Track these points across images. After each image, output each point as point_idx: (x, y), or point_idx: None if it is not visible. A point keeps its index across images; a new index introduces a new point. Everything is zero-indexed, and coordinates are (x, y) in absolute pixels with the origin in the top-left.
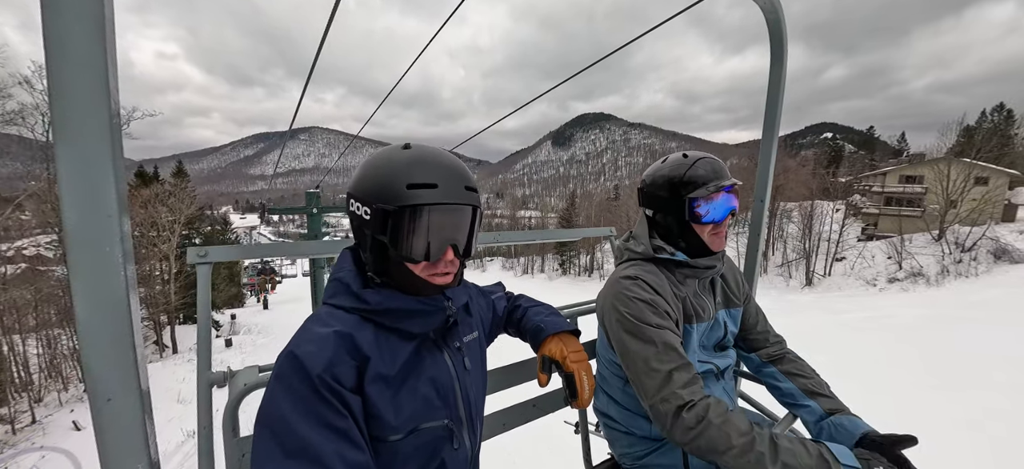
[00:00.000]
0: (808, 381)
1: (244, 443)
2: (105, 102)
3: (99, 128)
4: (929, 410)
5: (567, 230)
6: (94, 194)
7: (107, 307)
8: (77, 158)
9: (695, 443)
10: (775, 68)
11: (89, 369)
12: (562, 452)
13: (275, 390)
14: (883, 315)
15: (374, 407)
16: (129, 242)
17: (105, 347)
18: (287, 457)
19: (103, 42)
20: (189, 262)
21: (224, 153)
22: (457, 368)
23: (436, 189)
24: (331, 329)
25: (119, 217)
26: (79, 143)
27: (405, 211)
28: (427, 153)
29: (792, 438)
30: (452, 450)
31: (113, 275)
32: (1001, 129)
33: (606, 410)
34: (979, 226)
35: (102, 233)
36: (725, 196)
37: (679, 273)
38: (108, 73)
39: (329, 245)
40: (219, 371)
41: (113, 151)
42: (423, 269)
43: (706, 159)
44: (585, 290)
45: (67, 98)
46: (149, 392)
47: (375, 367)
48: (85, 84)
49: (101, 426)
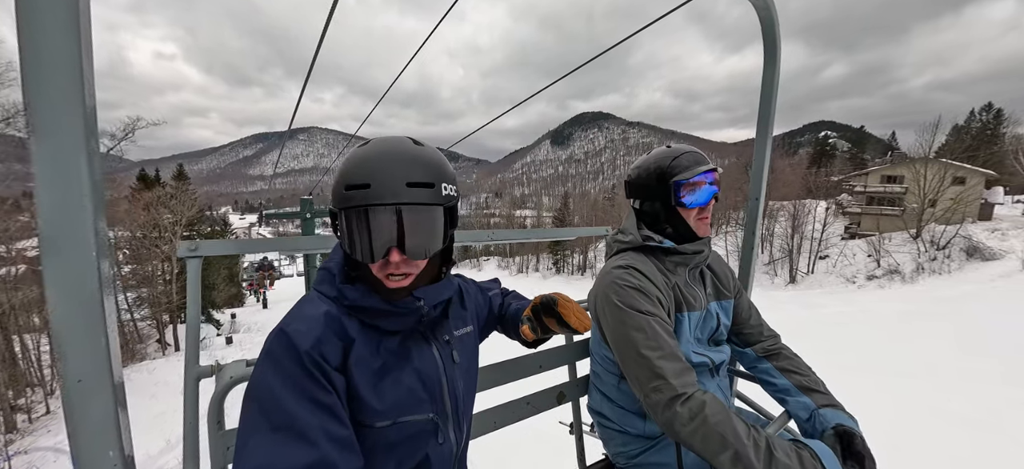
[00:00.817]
0: (802, 377)
1: (229, 436)
2: (79, 99)
3: (74, 125)
4: (858, 394)
5: (564, 229)
6: (68, 191)
7: (80, 301)
8: (51, 154)
9: (689, 439)
10: (768, 68)
11: (62, 356)
12: (557, 453)
13: (264, 365)
14: (857, 310)
15: (357, 389)
16: (104, 238)
17: (78, 335)
18: (273, 430)
19: (77, 35)
20: (179, 255)
21: (223, 153)
22: (445, 361)
23: (368, 189)
24: (320, 310)
25: (93, 213)
26: (53, 140)
27: (341, 212)
28: (372, 151)
29: (790, 451)
30: (437, 445)
31: (87, 267)
32: (990, 129)
33: (600, 409)
34: (956, 225)
35: (76, 229)
36: (707, 182)
37: (668, 261)
38: (83, 69)
39: (318, 240)
40: (206, 365)
41: (88, 147)
42: (378, 269)
43: (688, 150)
44: (578, 288)
45: (41, 94)
46: (123, 385)
47: (359, 351)
48: (59, 80)
49: (72, 413)
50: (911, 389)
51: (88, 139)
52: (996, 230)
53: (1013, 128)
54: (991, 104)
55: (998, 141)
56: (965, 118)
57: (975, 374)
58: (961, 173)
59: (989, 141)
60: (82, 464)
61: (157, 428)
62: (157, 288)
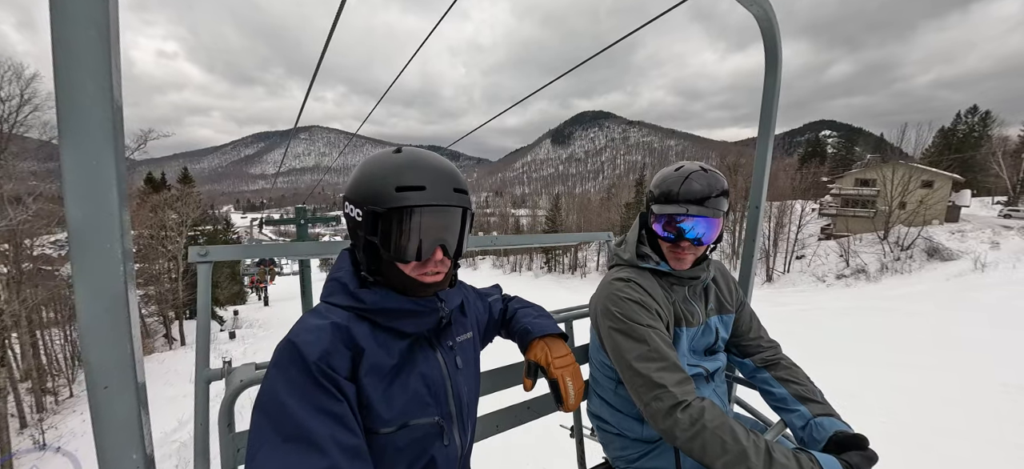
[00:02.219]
0: (799, 387)
1: (239, 438)
2: (108, 103)
3: (103, 128)
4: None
5: (566, 235)
6: (97, 192)
7: (107, 301)
8: (81, 157)
9: (689, 445)
10: (770, 74)
11: (88, 361)
12: (558, 456)
13: (273, 377)
14: (812, 307)
15: (367, 398)
16: (129, 239)
17: (104, 340)
18: (284, 441)
19: (107, 45)
20: (190, 261)
21: (225, 152)
22: (449, 366)
23: (424, 191)
24: (328, 321)
25: (120, 214)
26: (84, 142)
27: (394, 213)
28: (417, 156)
29: (788, 453)
30: (442, 447)
31: (114, 270)
32: (977, 131)
33: (599, 413)
34: (926, 226)
35: (104, 230)
36: (692, 221)
37: (665, 280)
38: (112, 76)
39: (325, 246)
40: (217, 368)
41: (115, 150)
42: (413, 269)
43: (695, 176)
44: (568, 287)
45: (73, 99)
46: (145, 386)
47: (369, 359)
48: (90, 86)
49: (98, 416)
50: (809, 368)
51: (116, 141)
52: (958, 232)
53: (1000, 129)
54: (976, 107)
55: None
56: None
57: (866, 357)
58: (929, 177)
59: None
60: (107, 465)
61: (170, 408)
62: (164, 286)
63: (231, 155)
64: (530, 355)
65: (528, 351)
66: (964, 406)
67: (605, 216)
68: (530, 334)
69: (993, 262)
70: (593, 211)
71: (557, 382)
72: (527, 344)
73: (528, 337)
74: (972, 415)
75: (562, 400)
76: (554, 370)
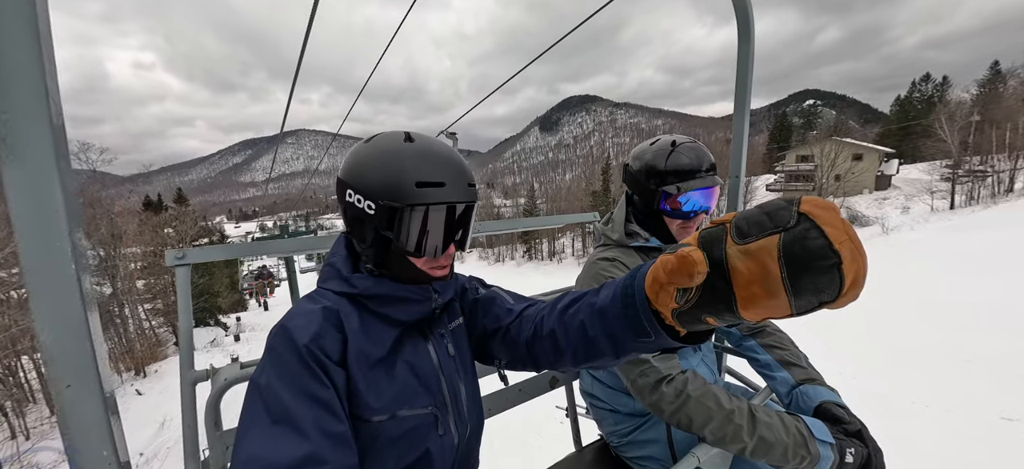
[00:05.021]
0: (784, 352)
1: (227, 436)
2: (47, 120)
3: (43, 146)
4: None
5: (551, 217)
6: (43, 210)
7: (64, 320)
8: (23, 177)
9: (676, 416)
10: (743, 46)
11: (52, 375)
12: (553, 439)
13: (265, 360)
14: None
15: (356, 384)
16: (84, 255)
17: (64, 352)
18: (272, 423)
19: (40, 58)
20: (167, 264)
21: (212, 162)
22: (440, 355)
23: (444, 188)
24: (320, 305)
25: (69, 229)
26: (24, 162)
27: (414, 209)
28: (432, 147)
29: (771, 412)
30: (437, 437)
31: (68, 286)
32: (936, 98)
33: (591, 390)
34: (855, 195)
35: (54, 248)
36: (701, 192)
37: (653, 256)
38: (48, 88)
39: (302, 242)
40: (202, 369)
41: (59, 167)
42: (424, 262)
43: (690, 149)
44: (546, 272)
45: (9, 117)
46: (114, 397)
47: (358, 345)
48: (27, 103)
49: (63, 417)
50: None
51: (58, 159)
52: (883, 199)
53: (957, 94)
54: (929, 74)
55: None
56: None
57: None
58: (858, 151)
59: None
60: (79, 463)
61: (169, 393)
62: (170, 298)
63: (219, 165)
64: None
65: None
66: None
67: (575, 204)
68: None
69: (897, 226)
70: (561, 199)
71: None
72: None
73: (640, 277)
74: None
75: (841, 300)
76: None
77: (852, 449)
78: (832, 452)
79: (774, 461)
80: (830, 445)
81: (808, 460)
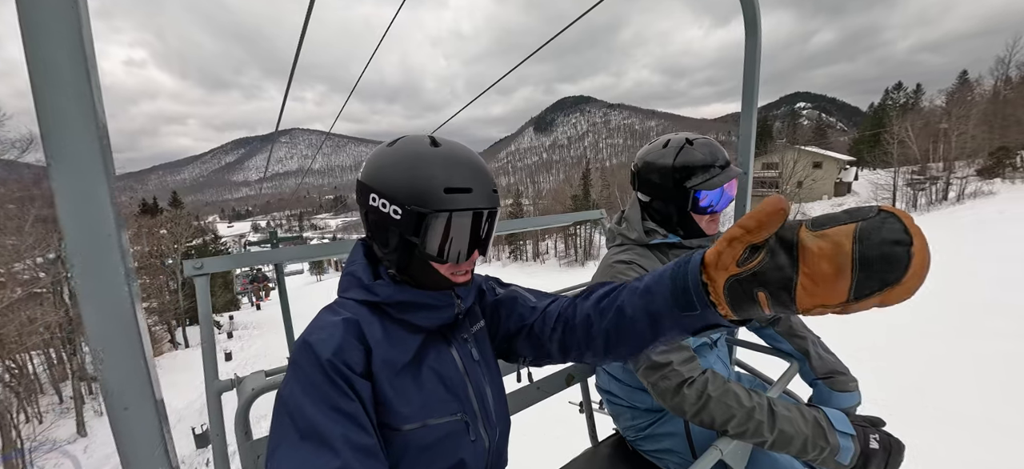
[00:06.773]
0: (802, 341)
1: (258, 445)
2: (93, 124)
3: (90, 150)
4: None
5: (558, 216)
6: (92, 215)
7: (116, 323)
8: (72, 182)
9: (698, 417)
10: (750, 39)
11: (105, 384)
12: (571, 433)
13: (290, 376)
14: None
15: (383, 394)
16: (129, 258)
17: (118, 362)
18: (302, 439)
19: (85, 64)
20: (186, 275)
21: (205, 161)
22: (465, 361)
23: (471, 194)
24: (340, 317)
25: (117, 234)
26: (73, 167)
27: (442, 215)
28: (458, 152)
29: (790, 405)
30: (469, 442)
31: (118, 291)
32: (910, 105)
33: (608, 387)
34: (813, 202)
35: (103, 252)
36: (730, 184)
37: (672, 254)
38: (94, 95)
39: (309, 249)
40: (227, 379)
41: (106, 171)
42: (447, 268)
43: (707, 144)
44: (532, 275)
45: (56, 124)
46: (163, 401)
47: (382, 354)
48: (73, 108)
49: (122, 442)
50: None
51: (105, 161)
52: (839, 205)
53: (929, 102)
54: (901, 83)
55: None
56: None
57: None
58: (817, 159)
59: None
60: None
61: (176, 389)
62: (165, 298)
63: (211, 163)
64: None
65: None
66: None
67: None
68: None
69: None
70: (545, 200)
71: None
72: (698, 265)
73: (696, 256)
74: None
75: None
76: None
77: (876, 435)
78: (853, 443)
79: (794, 452)
80: (850, 436)
81: (828, 450)
